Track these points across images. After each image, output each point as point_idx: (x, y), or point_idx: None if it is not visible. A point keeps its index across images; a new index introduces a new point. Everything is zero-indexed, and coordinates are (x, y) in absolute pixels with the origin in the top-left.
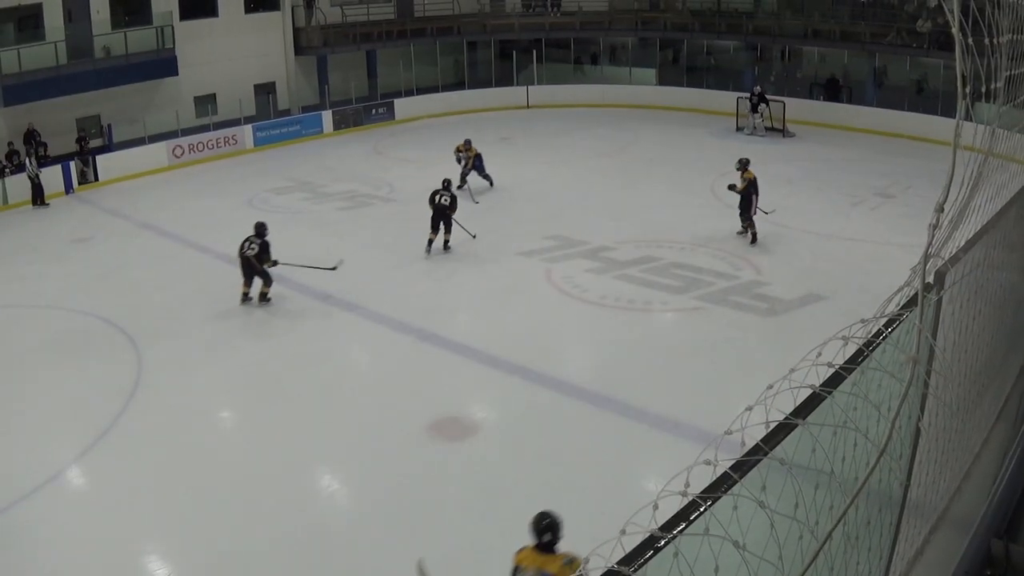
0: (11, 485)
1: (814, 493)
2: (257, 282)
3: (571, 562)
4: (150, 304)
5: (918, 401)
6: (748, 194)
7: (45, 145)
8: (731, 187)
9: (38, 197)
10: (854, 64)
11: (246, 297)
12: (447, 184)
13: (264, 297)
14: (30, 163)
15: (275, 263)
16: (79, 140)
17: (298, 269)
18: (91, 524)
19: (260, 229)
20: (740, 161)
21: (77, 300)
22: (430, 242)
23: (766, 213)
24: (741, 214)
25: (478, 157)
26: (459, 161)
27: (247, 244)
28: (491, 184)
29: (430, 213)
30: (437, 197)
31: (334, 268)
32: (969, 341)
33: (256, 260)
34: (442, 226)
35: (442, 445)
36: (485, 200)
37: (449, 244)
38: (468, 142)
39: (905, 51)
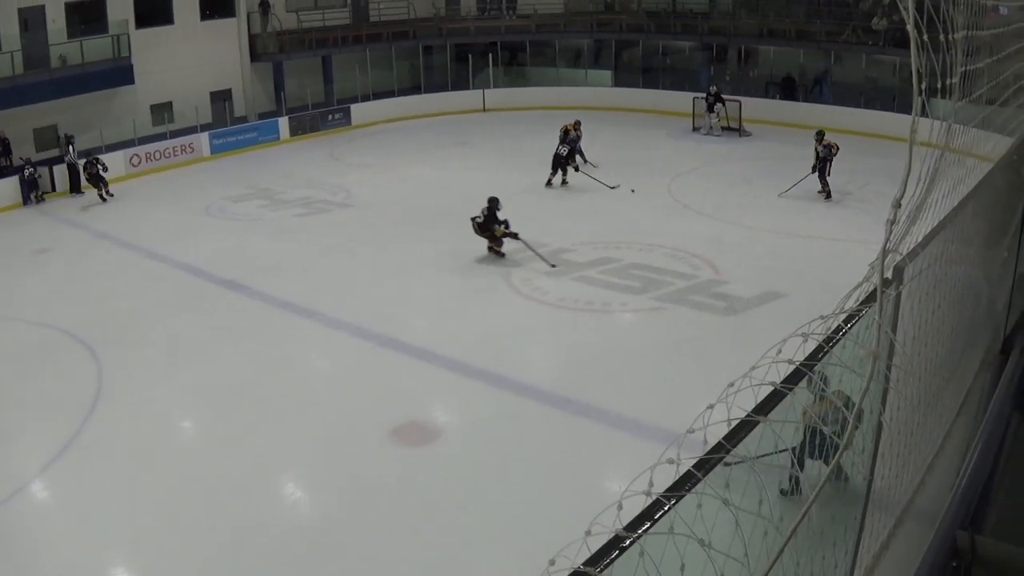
0: None
1: (778, 489)
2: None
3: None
4: (110, 314)
5: (879, 396)
6: (825, 159)
7: (11, 154)
8: (813, 168)
9: (75, 185)
10: (809, 62)
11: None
12: (563, 138)
13: (491, 250)
14: (71, 151)
15: (515, 235)
16: (88, 165)
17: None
18: (56, 538)
19: (491, 202)
20: (817, 132)
21: (36, 312)
22: (549, 180)
23: (782, 192)
24: (820, 177)
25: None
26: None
27: (480, 212)
28: (577, 168)
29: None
30: (558, 147)
31: (554, 266)
32: (929, 335)
33: (482, 226)
34: (560, 170)
35: (405, 450)
36: (441, 205)
37: (567, 181)
38: (577, 123)
39: (861, 49)
